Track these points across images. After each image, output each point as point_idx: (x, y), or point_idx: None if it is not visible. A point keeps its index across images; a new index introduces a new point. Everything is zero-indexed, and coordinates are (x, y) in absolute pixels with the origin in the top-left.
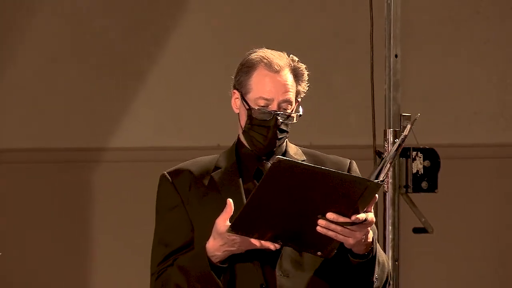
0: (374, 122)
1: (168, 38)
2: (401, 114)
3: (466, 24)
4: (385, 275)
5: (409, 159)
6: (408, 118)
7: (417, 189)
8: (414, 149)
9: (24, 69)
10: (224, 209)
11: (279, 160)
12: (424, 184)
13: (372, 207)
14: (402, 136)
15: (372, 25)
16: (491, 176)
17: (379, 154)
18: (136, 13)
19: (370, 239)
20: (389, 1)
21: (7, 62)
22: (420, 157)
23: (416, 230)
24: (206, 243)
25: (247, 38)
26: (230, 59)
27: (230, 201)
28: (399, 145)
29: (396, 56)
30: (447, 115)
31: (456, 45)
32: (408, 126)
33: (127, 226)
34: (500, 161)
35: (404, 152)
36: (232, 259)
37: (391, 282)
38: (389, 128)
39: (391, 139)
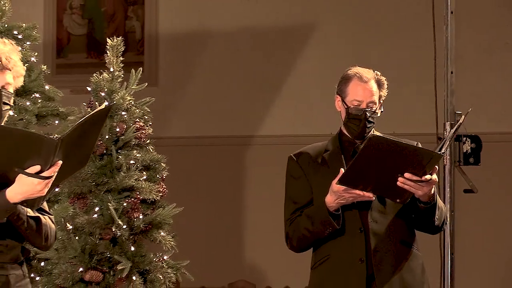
0: (437, 118)
1: (299, 61)
2: (455, 112)
3: (499, 52)
4: (443, 218)
5: (461, 142)
6: (460, 115)
7: (466, 163)
8: (464, 135)
9: (204, 76)
10: (338, 175)
11: (373, 135)
12: (471, 160)
13: (435, 172)
14: (457, 124)
15: (435, 52)
16: None
17: (440, 139)
18: (277, 43)
19: (432, 192)
20: (447, 35)
21: (195, 67)
22: (468, 141)
23: (466, 191)
24: (324, 198)
25: (348, 61)
26: (338, 74)
27: (342, 169)
28: (455, 130)
29: (451, 72)
30: (487, 113)
31: (493, 66)
32: (462, 117)
33: (270, 191)
34: None
35: (458, 138)
36: (341, 210)
37: (447, 223)
38: (447, 121)
39: (448, 129)
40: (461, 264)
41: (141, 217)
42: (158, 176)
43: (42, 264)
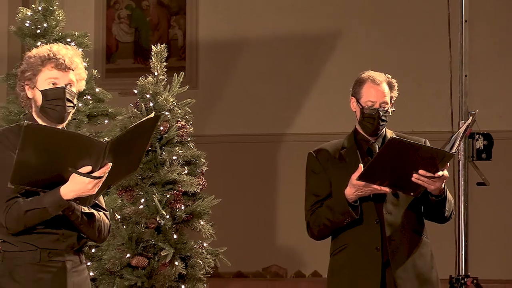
0: (452, 117)
1: (327, 65)
2: (468, 112)
3: (509, 57)
4: (451, 210)
5: (474, 139)
6: (473, 114)
7: (479, 158)
8: (477, 133)
9: (240, 79)
10: (357, 170)
11: (392, 138)
12: (483, 155)
13: (446, 168)
14: (465, 124)
15: (450, 57)
16: None
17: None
18: (307, 49)
19: (443, 187)
20: (461, 42)
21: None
22: (481, 138)
23: (478, 184)
24: (342, 191)
25: (371, 65)
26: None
27: (361, 165)
28: (465, 130)
29: (465, 75)
30: (498, 112)
31: (503, 70)
32: (470, 118)
33: (299, 185)
34: None
35: (471, 135)
36: (359, 202)
37: (454, 213)
38: (461, 120)
39: (463, 127)
40: (474, 250)
41: (182, 207)
42: (198, 170)
43: (93, 250)
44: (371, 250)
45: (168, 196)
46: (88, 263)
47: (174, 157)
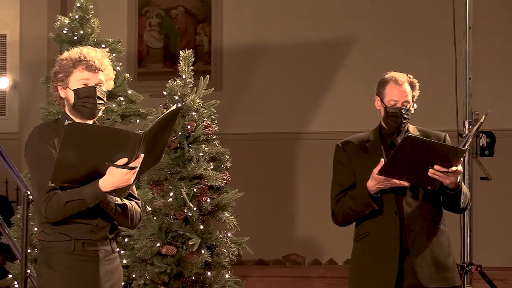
0: (457, 116)
1: (341, 69)
2: (472, 112)
3: (510, 61)
4: (467, 201)
5: (478, 137)
6: (477, 114)
7: (482, 155)
8: (480, 132)
9: (261, 82)
10: (378, 164)
11: (408, 135)
12: (486, 152)
13: (460, 164)
14: (478, 123)
15: (456, 61)
16: None
17: (460, 135)
18: (323, 54)
19: (458, 180)
20: (466, 47)
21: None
22: (484, 136)
23: (482, 178)
24: (365, 182)
25: (382, 69)
26: (374, 80)
27: (382, 160)
28: (477, 128)
29: (470, 78)
30: (500, 112)
31: (505, 73)
32: (483, 117)
33: (316, 179)
34: None
35: (476, 134)
36: (380, 194)
37: (470, 205)
38: (466, 120)
39: (467, 126)
40: (478, 240)
41: (208, 200)
42: (222, 166)
43: (126, 240)
44: (391, 239)
45: (195, 189)
46: (122, 252)
47: (201, 154)
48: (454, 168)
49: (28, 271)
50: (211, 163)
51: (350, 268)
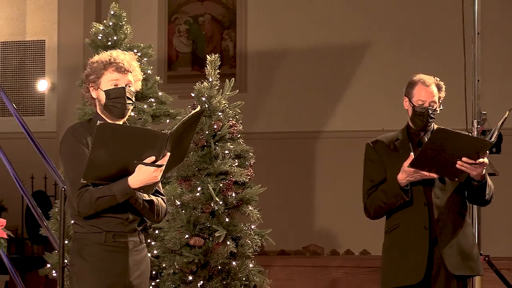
0: (466, 116)
1: (357, 71)
2: (481, 112)
3: None
4: (491, 193)
5: (485, 136)
6: (485, 114)
7: (490, 152)
8: (488, 130)
9: (283, 84)
10: (408, 158)
11: (439, 128)
12: (494, 149)
13: (486, 156)
14: (503, 118)
15: (465, 64)
16: None
17: (469, 133)
18: (340, 57)
19: (483, 172)
20: (474, 52)
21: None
22: None
23: (490, 174)
24: (396, 176)
25: (395, 72)
26: (388, 82)
27: (411, 154)
28: (502, 122)
29: (478, 80)
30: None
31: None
32: (507, 112)
33: (334, 175)
34: None
35: (483, 133)
36: (410, 186)
37: (493, 197)
38: (475, 119)
39: (476, 125)
40: (486, 231)
41: (233, 195)
42: (247, 163)
43: (157, 232)
44: (420, 229)
45: (221, 185)
46: (153, 243)
47: (226, 152)
48: (481, 160)
49: (66, 260)
50: (236, 160)
51: (382, 258)
